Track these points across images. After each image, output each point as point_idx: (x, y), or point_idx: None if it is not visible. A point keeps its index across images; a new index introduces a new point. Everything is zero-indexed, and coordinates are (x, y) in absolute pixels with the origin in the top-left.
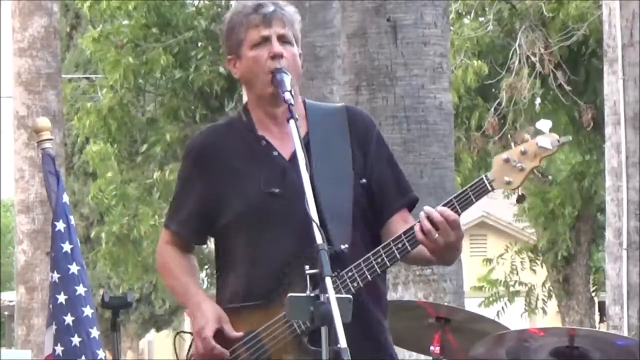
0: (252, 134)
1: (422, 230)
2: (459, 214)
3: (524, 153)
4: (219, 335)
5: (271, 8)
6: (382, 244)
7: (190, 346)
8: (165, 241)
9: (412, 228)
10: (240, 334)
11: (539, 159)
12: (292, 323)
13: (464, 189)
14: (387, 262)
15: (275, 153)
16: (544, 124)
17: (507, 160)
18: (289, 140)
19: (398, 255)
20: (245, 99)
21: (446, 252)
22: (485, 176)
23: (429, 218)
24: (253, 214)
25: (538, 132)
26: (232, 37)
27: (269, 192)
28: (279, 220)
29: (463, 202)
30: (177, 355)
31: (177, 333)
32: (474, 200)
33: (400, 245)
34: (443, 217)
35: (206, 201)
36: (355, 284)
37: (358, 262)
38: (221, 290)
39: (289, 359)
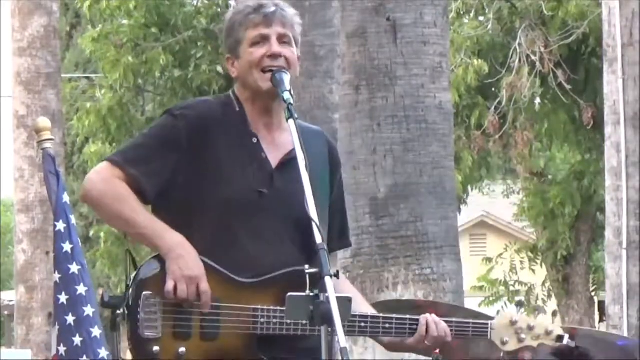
0: (245, 128)
1: (422, 332)
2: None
3: (530, 328)
4: None
5: (272, 8)
6: (371, 314)
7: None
8: (115, 175)
9: (406, 319)
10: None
11: (538, 343)
12: (257, 321)
13: (469, 320)
14: (368, 332)
15: (263, 155)
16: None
17: (514, 323)
18: (277, 149)
19: (380, 332)
20: None
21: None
22: (491, 324)
23: (432, 326)
24: (237, 207)
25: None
26: (231, 36)
27: (258, 191)
28: (260, 220)
29: (460, 331)
30: (127, 270)
31: (127, 251)
32: (470, 335)
33: (387, 325)
34: (445, 335)
35: (181, 172)
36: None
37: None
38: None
39: (234, 349)
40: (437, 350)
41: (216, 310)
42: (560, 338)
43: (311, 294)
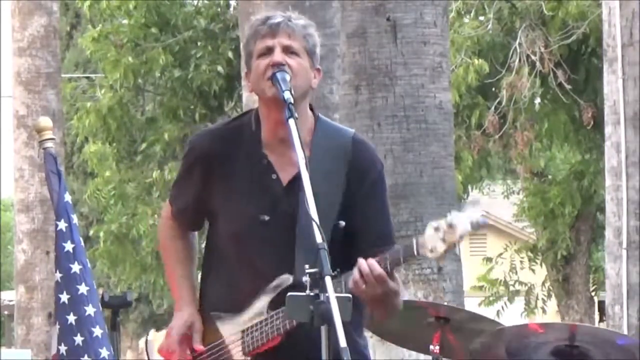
0: (257, 150)
1: (352, 280)
2: (389, 272)
3: (450, 226)
4: (187, 340)
5: (278, 19)
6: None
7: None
8: (168, 215)
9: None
10: (202, 347)
11: (459, 235)
12: (244, 340)
13: (398, 247)
14: None
15: (273, 176)
16: (473, 209)
17: (437, 229)
18: (291, 165)
19: None
20: (245, 99)
21: (376, 305)
22: (416, 239)
23: (359, 269)
24: (240, 237)
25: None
26: (246, 50)
27: (259, 219)
28: (261, 247)
29: (394, 261)
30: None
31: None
32: (402, 261)
33: (338, 290)
34: (370, 269)
35: (201, 201)
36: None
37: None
38: (203, 293)
39: None
40: (437, 350)
41: (219, 347)
42: (474, 224)
43: (311, 294)
